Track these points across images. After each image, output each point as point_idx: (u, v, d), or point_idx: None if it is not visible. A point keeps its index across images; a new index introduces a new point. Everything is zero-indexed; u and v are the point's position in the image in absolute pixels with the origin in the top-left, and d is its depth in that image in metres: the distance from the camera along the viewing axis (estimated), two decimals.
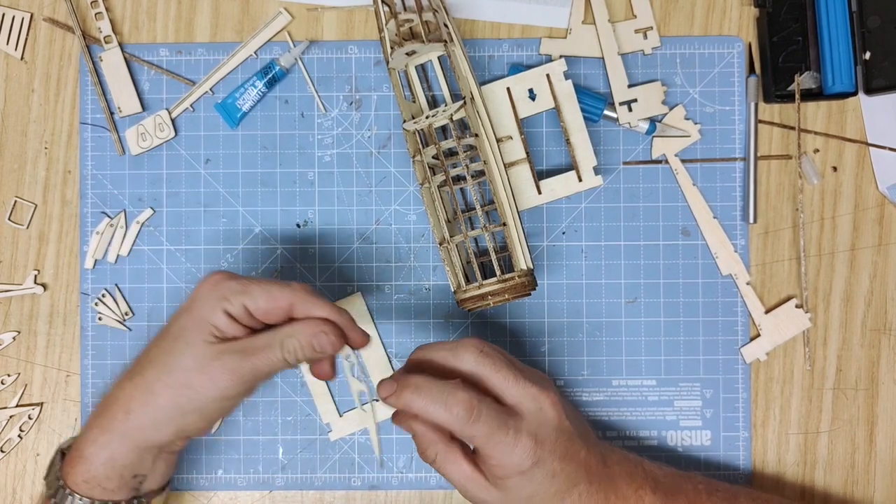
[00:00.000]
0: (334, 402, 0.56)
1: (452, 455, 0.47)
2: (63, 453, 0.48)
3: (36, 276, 0.56)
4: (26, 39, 0.57)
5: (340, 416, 0.56)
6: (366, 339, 0.48)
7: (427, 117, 0.53)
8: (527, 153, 0.54)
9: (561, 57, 0.55)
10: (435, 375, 0.46)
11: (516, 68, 0.55)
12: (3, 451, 0.56)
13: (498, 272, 0.51)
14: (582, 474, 0.46)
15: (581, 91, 0.55)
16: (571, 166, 0.55)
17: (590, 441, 0.48)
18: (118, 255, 0.56)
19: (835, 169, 0.57)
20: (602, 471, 0.47)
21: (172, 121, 0.56)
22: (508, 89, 0.55)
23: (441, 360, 0.47)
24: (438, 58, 0.55)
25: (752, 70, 0.56)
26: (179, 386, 0.45)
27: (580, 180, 0.54)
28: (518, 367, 0.47)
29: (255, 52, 0.56)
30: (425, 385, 0.45)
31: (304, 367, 0.55)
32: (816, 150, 0.57)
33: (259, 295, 0.46)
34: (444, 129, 0.56)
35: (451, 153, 0.55)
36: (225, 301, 0.45)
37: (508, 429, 0.44)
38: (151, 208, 0.56)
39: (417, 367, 0.47)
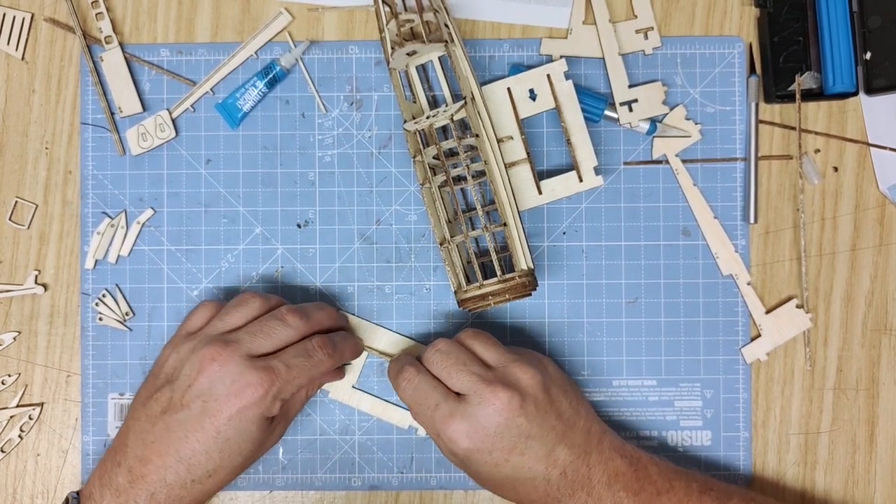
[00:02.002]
0: (400, 405, 0.56)
1: None
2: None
3: (36, 276, 0.56)
4: (27, 40, 0.57)
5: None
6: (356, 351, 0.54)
7: (428, 117, 0.53)
8: (527, 153, 0.54)
9: (561, 57, 0.55)
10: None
11: (517, 68, 0.55)
12: (3, 452, 0.56)
13: (498, 272, 0.51)
14: (539, 470, 0.48)
15: (582, 91, 0.55)
16: (572, 166, 0.55)
17: (570, 439, 0.48)
18: (119, 256, 0.56)
19: (835, 169, 0.56)
20: (576, 470, 0.48)
21: (173, 121, 0.56)
22: (509, 89, 0.55)
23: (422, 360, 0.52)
24: (439, 58, 0.55)
25: (752, 70, 0.56)
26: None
27: (581, 180, 0.54)
28: (473, 363, 0.49)
29: (255, 53, 0.56)
30: (402, 355, 0.54)
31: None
32: (817, 151, 0.57)
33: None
34: (444, 129, 0.56)
35: (452, 153, 0.55)
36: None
37: (436, 405, 0.48)
38: (152, 208, 0.56)
39: None
